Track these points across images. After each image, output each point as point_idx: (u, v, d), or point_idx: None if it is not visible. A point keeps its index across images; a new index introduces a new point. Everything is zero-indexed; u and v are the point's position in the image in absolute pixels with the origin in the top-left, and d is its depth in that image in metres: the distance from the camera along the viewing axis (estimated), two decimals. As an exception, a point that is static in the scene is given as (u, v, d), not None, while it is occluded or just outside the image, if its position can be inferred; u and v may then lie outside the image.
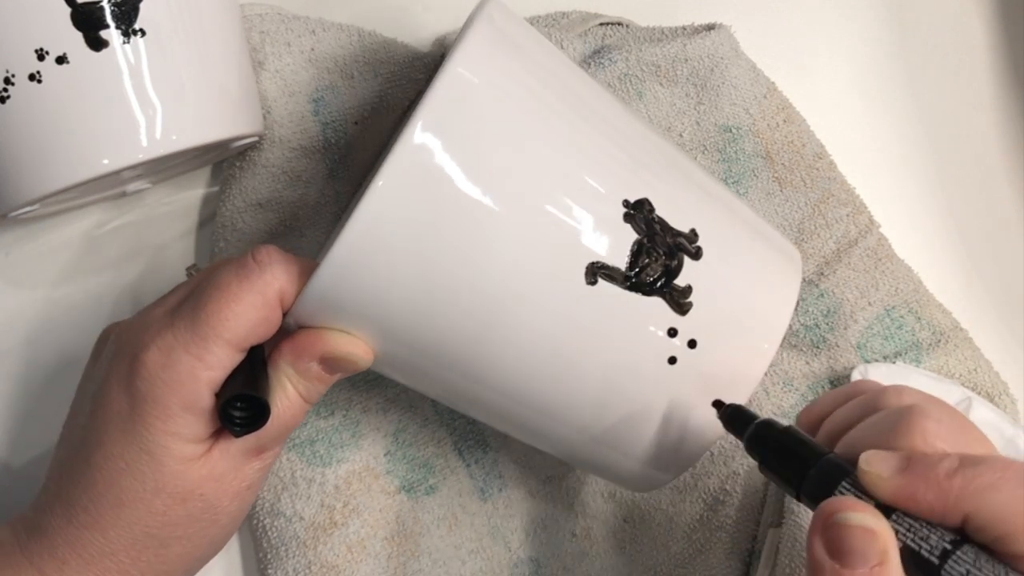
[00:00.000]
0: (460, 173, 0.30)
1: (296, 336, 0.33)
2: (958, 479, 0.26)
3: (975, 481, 0.26)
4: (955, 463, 0.27)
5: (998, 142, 0.52)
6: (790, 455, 0.30)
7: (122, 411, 0.32)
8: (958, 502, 0.26)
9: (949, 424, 0.29)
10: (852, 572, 0.26)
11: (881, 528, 0.26)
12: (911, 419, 0.29)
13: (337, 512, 0.43)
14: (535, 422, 0.35)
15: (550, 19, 0.48)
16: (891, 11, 0.52)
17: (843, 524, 0.27)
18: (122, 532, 0.33)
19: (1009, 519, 0.25)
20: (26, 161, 0.36)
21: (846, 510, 0.27)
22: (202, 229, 0.47)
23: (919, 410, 0.29)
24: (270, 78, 0.44)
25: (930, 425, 0.28)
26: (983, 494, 0.26)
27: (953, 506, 0.26)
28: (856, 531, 0.26)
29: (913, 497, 0.27)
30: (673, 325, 0.33)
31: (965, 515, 0.26)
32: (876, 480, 0.28)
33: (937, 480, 0.27)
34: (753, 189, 0.46)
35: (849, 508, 0.27)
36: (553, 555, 0.45)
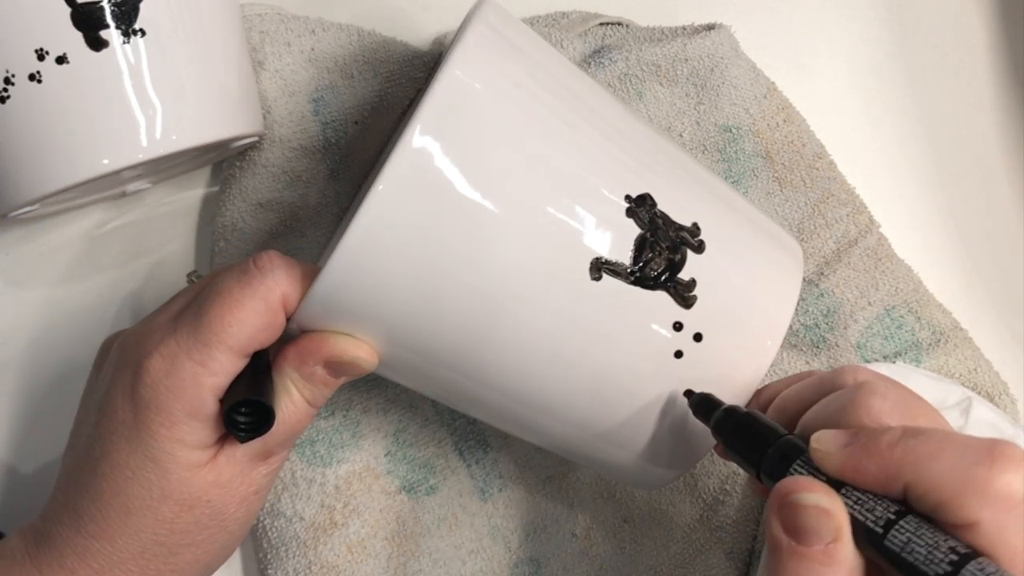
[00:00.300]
0: (460, 175, 0.30)
1: (300, 340, 0.33)
2: (898, 449, 0.27)
3: (914, 451, 0.27)
4: (897, 435, 0.27)
5: (998, 142, 0.52)
6: (750, 437, 0.31)
7: (127, 419, 0.32)
8: (898, 472, 0.27)
9: (896, 400, 0.29)
10: (808, 549, 0.27)
11: (834, 507, 0.27)
12: (858, 397, 0.29)
13: (337, 512, 0.43)
14: (539, 421, 0.35)
15: (550, 19, 0.48)
16: (891, 11, 0.52)
17: (798, 504, 0.27)
18: (130, 540, 0.33)
19: (946, 487, 0.26)
20: (26, 161, 0.36)
21: (801, 490, 0.28)
22: (202, 229, 0.47)
23: (867, 387, 0.30)
24: (270, 78, 0.44)
25: (875, 402, 0.29)
26: (921, 463, 0.26)
27: (894, 476, 0.27)
28: (810, 511, 0.27)
29: (857, 469, 0.28)
30: (678, 319, 0.33)
31: (905, 484, 0.27)
32: (824, 457, 0.28)
33: (879, 451, 0.27)
34: (753, 189, 0.46)
35: (804, 488, 0.28)
36: (553, 555, 0.45)
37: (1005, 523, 0.25)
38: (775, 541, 0.28)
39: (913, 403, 0.30)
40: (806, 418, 0.31)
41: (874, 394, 0.29)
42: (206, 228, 0.47)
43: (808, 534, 0.27)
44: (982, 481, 0.25)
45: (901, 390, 0.30)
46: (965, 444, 0.26)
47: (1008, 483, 0.25)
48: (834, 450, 0.28)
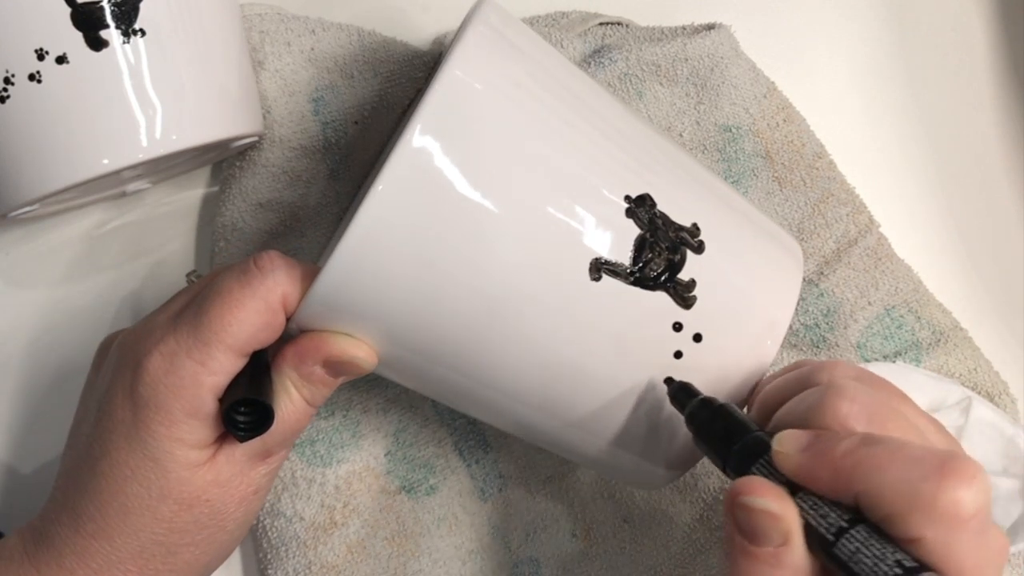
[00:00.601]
0: (460, 175, 0.30)
1: (299, 340, 0.33)
2: (851, 458, 0.27)
3: (867, 460, 0.27)
4: (854, 443, 0.27)
5: (998, 142, 0.52)
6: (721, 431, 0.31)
7: (126, 418, 0.32)
8: (850, 481, 0.27)
9: (864, 404, 0.29)
10: (758, 550, 0.27)
11: (784, 511, 0.27)
12: (825, 399, 0.29)
13: (337, 512, 0.43)
14: (538, 420, 0.35)
15: (550, 19, 0.48)
16: (891, 11, 0.52)
17: (748, 506, 0.27)
18: (129, 540, 0.33)
19: (895, 499, 0.26)
20: (26, 161, 0.36)
21: (751, 493, 0.28)
22: (202, 229, 0.47)
23: (836, 390, 0.29)
24: (270, 78, 0.44)
25: (842, 405, 0.29)
26: (872, 473, 0.26)
27: (846, 484, 0.27)
28: (759, 514, 0.27)
29: (812, 475, 0.28)
30: (678, 319, 0.33)
31: (857, 494, 0.27)
32: (783, 459, 0.28)
33: (833, 459, 0.27)
34: (753, 189, 0.46)
35: (754, 491, 0.28)
36: (553, 555, 0.45)
37: (950, 540, 0.25)
38: (729, 539, 0.28)
39: (884, 408, 0.29)
40: (778, 414, 0.31)
41: (842, 397, 0.29)
42: (206, 228, 0.47)
43: (757, 535, 0.27)
44: (928, 497, 0.25)
45: (873, 394, 0.30)
46: (917, 457, 0.26)
47: (955, 500, 0.25)
48: (793, 452, 0.28)
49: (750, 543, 0.27)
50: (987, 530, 0.26)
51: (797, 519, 0.27)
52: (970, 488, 0.25)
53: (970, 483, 0.25)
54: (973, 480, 0.25)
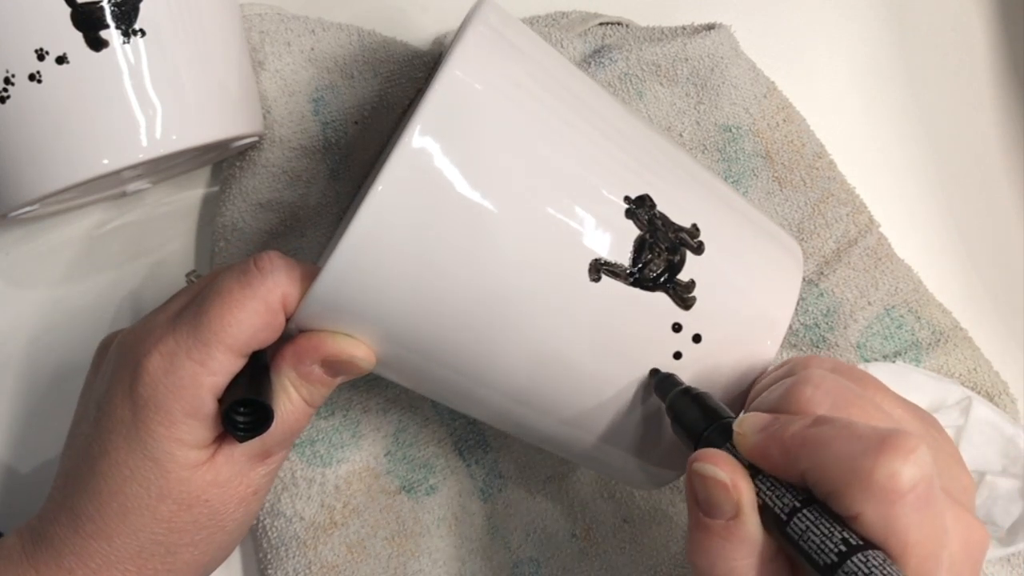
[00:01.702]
0: (459, 176, 0.30)
1: (298, 340, 0.33)
2: (799, 437, 0.27)
3: (811, 439, 0.27)
4: (805, 423, 0.28)
5: (998, 142, 0.52)
6: (695, 417, 0.31)
7: (125, 418, 0.32)
8: (797, 459, 0.27)
9: (828, 390, 0.29)
10: (712, 522, 0.28)
11: (736, 482, 0.27)
12: (792, 386, 0.30)
13: (337, 512, 0.43)
14: (537, 421, 0.35)
15: (550, 19, 0.48)
16: (891, 11, 0.52)
17: (700, 474, 0.28)
18: (128, 540, 0.33)
19: (835, 476, 0.26)
20: (26, 161, 0.36)
21: (705, 461, 0.28)
22: (202, 229, 0.47)
23: (802, 377, 0.30)
24: (270, 78, 0.44)
25: (807, 391, 0.29)
26: (816, 451, 0.26)
27: (792, 463, 0.27)
28: (710, 482, 0.28)
29: (764, 454, 0.28)
30: (677, 320, 0.33)
31: (802, 472, 0.27)
32: (741, 439, 0.29)
33: (782, 438, 0.27)
34: (753, 189, 0.46)
35: (708, 460, 0.28)
36: (553, 555, 0.45)
37: (889, 515, 0.25)
38: (689, 508, 0.28)
39: (849, 395, 0.29)
40: (754, 404, 0.31)
41: (807, 383, 0.29)
42: (206, 228, 0.47)
43: (711, 506, 0.28)
44: (865, 472, 0.25)
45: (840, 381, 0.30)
46: (860, 435, 0.26)
47: (891, 474, 0.25)
48: (750, 433, 0.28)
49: (705, 515, 0.28)
50: (931, 506, 0.26)
51: (750, 493, 0.27)
52: (906, 461, 0.25)
53: (907, 456, 0.25)
54: (911, 454, 0.25)
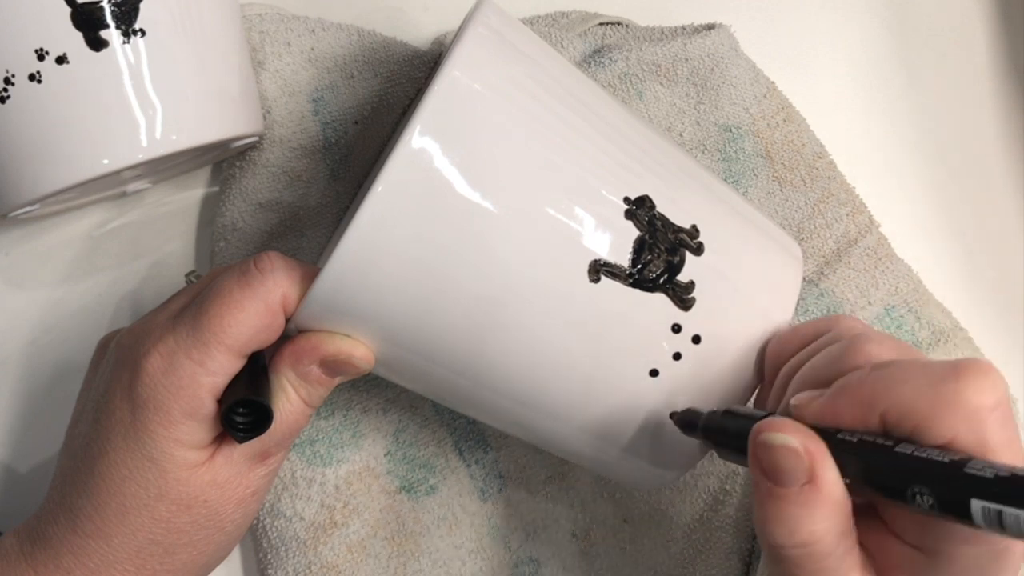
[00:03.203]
0: (459, 176, 0.30)
1: (296, 340, 0.33)
2: (868, 382, 0.27)
3: (883, 380, 0.27)
4: (867, 370, 0.27)
5: (998, 142, 0.52)
6: (740, 427, 0.30)
7: (124, 418, 0.32)
8: (872, 404, 0.27)
9: (892, 345, 0.29)
10: (785, 490, 0.27)
11: (807, 445, 0.27)
12: (856, 344, 0.29)
13: (337, 512, 0.43)
14: (537, 422, 0.35)
15: (550, 19, 0.48)
16: (891, 11, 0.52)
17: (767, 444, 0.27)
18: (126, 540, 0.33)
19: (917, 410, 0.26)
20: (26, 161, 0.36)
21: (770, 430, 0.28)
22: (202, 229, 0.47)
23: (864, 336, 0.30)
24: (270, 78, 0.44)
25: (873, 348, 0.29)
26: (889, 391, 0.26)
27: (868, 408, 0.27)
28: (779, 450, 0.27)
29: (834, 412, 0.28)
30: (677, 321, 0.33)
31: (881, 415, 0.27)
32: (802, 410, 0.28)
33: (850, 389, 0.27)
34: (753, 189, 0.46)
35: (773, 428, 0.28)
36: (553, 555, 0.45)
37: (982, 433, 0.25)
38: (756, 484, 0.28)
39: (910, 350, 0.29)
40: (800, 376, 0.31)
41: (869, 340, 0.29)
42: (206, 228, 0.47)
43: (781, 474, 0.27)
44: (951, 395, 0.25)
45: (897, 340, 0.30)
46: (931, 366, 0.26)
47: (976, 394, 0.25)
48: (809, 401, 0.28)
49: (776, 484, 0.27)
50: (1013, 423, 0.26)
51: (823, 452, 0.27)
52: (987, 378, 0.25)
53: (987, 375, 0.26)
54: (989, 372, 0.26)
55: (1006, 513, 0.23)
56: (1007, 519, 0.23)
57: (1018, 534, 0.23)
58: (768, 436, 0.28)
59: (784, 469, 0.27)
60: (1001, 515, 0.23)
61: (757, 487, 0.28)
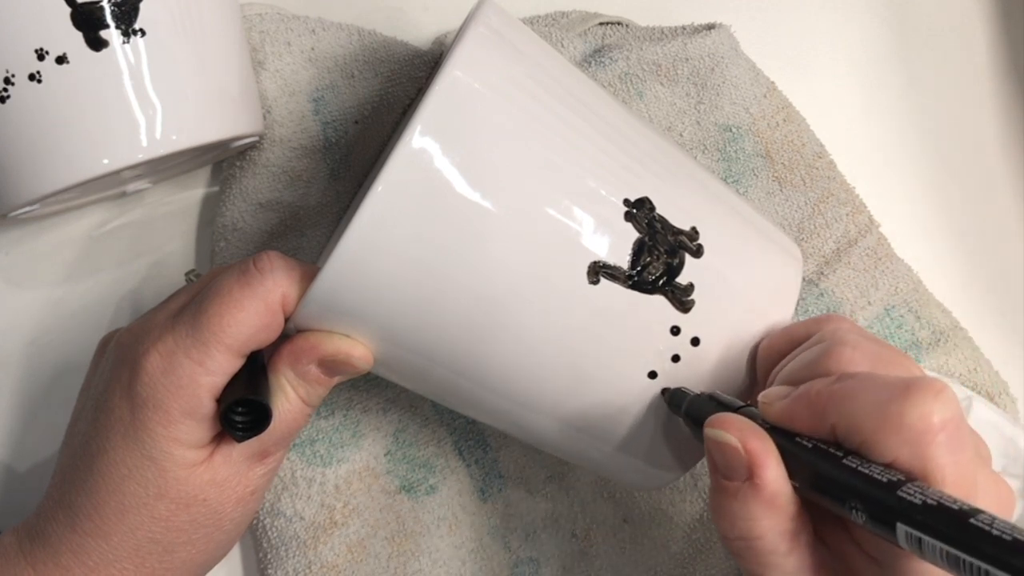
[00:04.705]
0: (459, 177, 0.30)
1: (295, 339, 0.33)
2: (825, 393, 0.27)
3: (838, 393, 0.27)
4: (830, 380, 0.28)
5: (998, 142, 0.52)
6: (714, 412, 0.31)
7: (124, 417, 0.32)
8: (824, 415, 0.27)
9: (867, 350, 0.29)
10: (728, 484, 0.28)
11: (749, 445, 0.27)
12: (829, 349, 0.29)
13: (337, 512, 0.43)
14: (536, 422, 0.35)
15: (550, 19, 0.48)
16: (891, 11, 0.52)
17: (712, 438, 0.28)
18: (125, 539, 0.33)
19: (867, 424, 0.26)
20: (26, 161, 0.36)
21: (716, 426, 0.28)
22: (202, 229, 0.47)
23: (841, 340, 0.30)
24: (270, 78, 0.44)
25: (847, 352, 0.29)
26: (843, 403, 0.27)
27: (820, 418, 0.27)
28: (720, 447, 0.28)
29: (792, 416, 0.28)
30: (676, 323, 0.33)
31: (832, 426, 0.27)
32: (766, 408, 0.29)
33: (809, 396, 0.28)
34: (753, 188, 0.46)
35: (718, 424, 0.28)
36: (553, 555, 0.45)
37: (924, 456, 0.25)
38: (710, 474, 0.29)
39: (887, 353, 0.29)
40: (781, 374, 0.31)
41: (845, 344, 0.29)
42: (206, 228, 0.47)
43: (726, 469, 0.28)
44: (895, 416, 0.25)
45: (876, 343, 0.30)
46: (885, 383, 0.26)
47: (921, 415, 0.25)
48: (775, 400, 0.29)
49: (722, 477, 0.28)
50: (963, 447, 0.26)
51: (766, 454, 0.27)
52: (936, 401, 0.25)
53: (936, 396, 0.25)
54: (939, 394, 0.25)
55: (925, 541, 0.23)
56: (926, 547, 0.23)
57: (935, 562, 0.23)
58: (712, 431, 0.28)
59: (727, 464, 0.28)
60: (921, 542, 0.23)
61: (711, 476, 0.29)
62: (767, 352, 0.34)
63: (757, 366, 0.34)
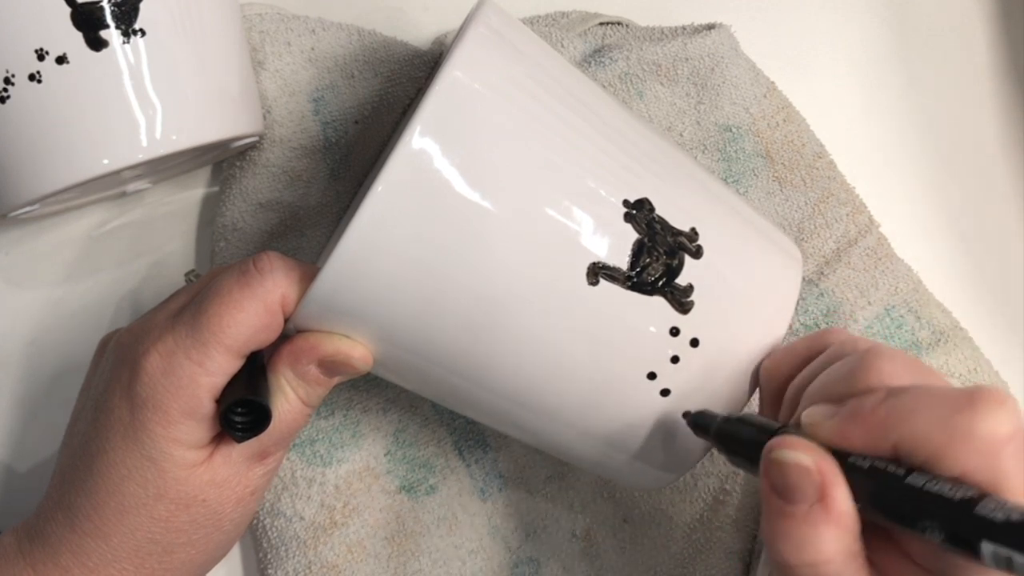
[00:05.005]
0: (459, 177, 0.30)
1: (294, 340, 0.33)
2: (882, 409, 0.27)
3: (897, 409, 0.27)
4: (881, 396, 0.27)
5: (998, 142, 0.52)
6: (749, 440, 0.30)
7: (123, 417, 0.32)
8: (885, 432, 0.27)
9: (905, 362, 0.29)
10: (794, 508, 0.27)
11: (819, 465, 0.27)
12: (867, 360, 0.29)
13: (337, 512, 0.43)
14: (536, 423, 0.35)
15: (550, 19, 0.48)
16: (891, 11, 0.52)
17: (778, 461, 0.27)
18: (125, 539, 0.33)
19: (930, 441, 0.25)
20: (26, 161, 0.36)
21: (782, 447, 0.27)
22: (202, 229, 0.47)
23: (874, 351, 0.29)
24: (270, 78, 0.44)
25: (885, 365, 0.28)
26: (903, 420, 0.26)
27: (881, 437, 0.27)
28: (790, 468, 0.27)
29: (846, 436, 0.27)
30: (675, 324, 0.33)
31: (894, 444, 0.26)
32: (815, 428, 0.28)
33: (863, 414, 0.27)
34: (753, 189, 0.46)
35: (785, 446, 0.28)
36: (553, 555, 0.45)
37: (996, 467, 0.25)
38: (766, 501, 0.28)
39: (924, 368, 0.29)
40: (809, 392, 0.30)
41: (882, 357, 0.29)
42: (206, 228, 0.47)
43: (792, 492, 0.27)
44: (964, 427, 0.25)
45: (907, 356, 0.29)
46: (945, 395, 0.26)
47: (991, 426, 0.25)
48: (823, 421, 0.28)
49: (786, 502, 0.27)
50: None
51: (835, 473, 0.27)
52: (1003, 409, 0.25)
53: (1002, 405, 0.25)
54: (1005, 402, 0.25)
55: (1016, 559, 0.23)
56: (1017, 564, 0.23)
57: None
58: (781, 453, 0.27)
59: (795, 487, 0.27)
60: (1011, 560, 0.23)
61: (767, 503, 0.28)
62: (771, 372, 0.33)
63: (761, 386, 0.34)
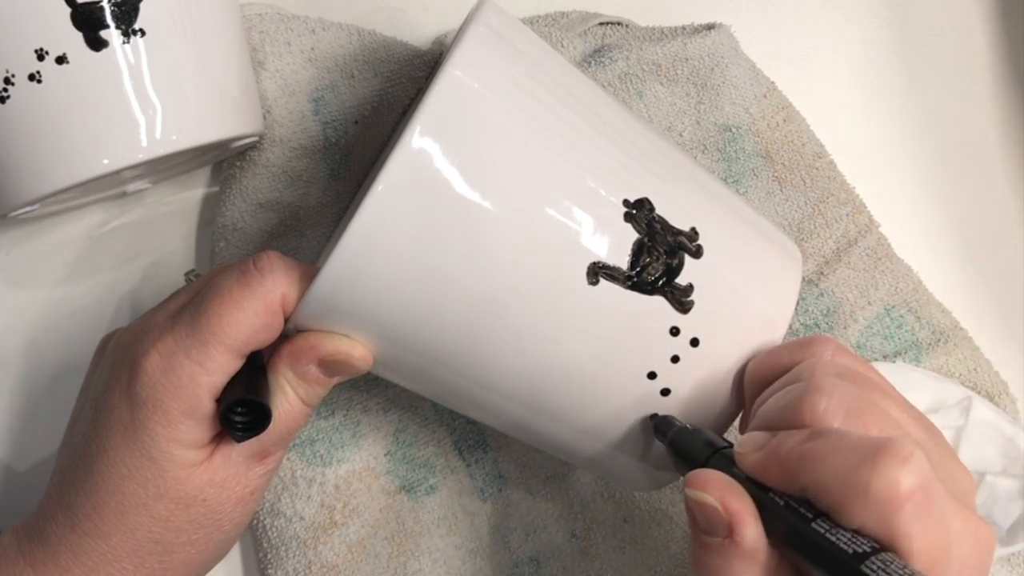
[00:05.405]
0: (459, 176, 0.30)
1: (294, 339, 0.33)
2: (795, 452, 0.27)
3: (808, 453, 0.27)
4: (802, 437, 0.27)
5: (998, 142, 0.52)
6: (696, 450, 0.31)
7: (123, 417, 0.32)
8: (795, 474, 0.27)
9: (842, 399, 0.28)
10: (709, 539, 0.28)
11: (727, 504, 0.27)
12: (803, 396, 0.29)
13: (337, 512, 0.43)
14: (536, 423, 0.35)
15: (550, 19, 0.48)
16: (891, 11, 0.52)
17: (691, 498, 0.28)
18: (125, 539, 0.33)
19: (834, 490, 0.26)
20: (26, 161, 0.36)
21: (694, 486, 0.28)
22: (202, 229, 0.47)
23: (814, 386, 0.29)
24: (270, 78, 0.44)
25: (820, 401, 0.28)
26: (811, 466, 0.26)
27: (792, 479, 0.27)
28: (699, 506, 0.28)
29: (765, 472, 0.28)
30: (675, 324, 0.33)
31: (802, 488, 0.27)
32: (741, 459, 0.29)
33: (779, 455, 0.28)
34: (753, 189, 0.46)
35: (696, 485, 0.28)
36: (553, 555, 0.45)
37: (891, 525, 0.25)
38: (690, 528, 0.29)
39: (863, 403, 0.29)
40: (760, 412, 0.31)
41: (820, 393, 0.29)
42: (206, 228, 0.47)
43: (706, 525, 0.28)
44: (862, 482, 0.25)
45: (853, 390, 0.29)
46: (855, 446, 0.26)
47: (887, 483, 0.25)
48: (750, 452, 0.29)
49: (703, 533, 0.28)
50: (932, 512, 0.25)
51: (745, 512, 0.27)
52: (903, 468, 0.25)
53: (903, 463, 0.25)
54: (906, 461, 0.25)
55: None
56: None
57: None
58: (692, 493, 0.28)
59: (707, 522, 0.28)
60: None
61: (691, 530, 0.29)
62: (752, 377, 0.34)
63: (745, 389, 0.34)
